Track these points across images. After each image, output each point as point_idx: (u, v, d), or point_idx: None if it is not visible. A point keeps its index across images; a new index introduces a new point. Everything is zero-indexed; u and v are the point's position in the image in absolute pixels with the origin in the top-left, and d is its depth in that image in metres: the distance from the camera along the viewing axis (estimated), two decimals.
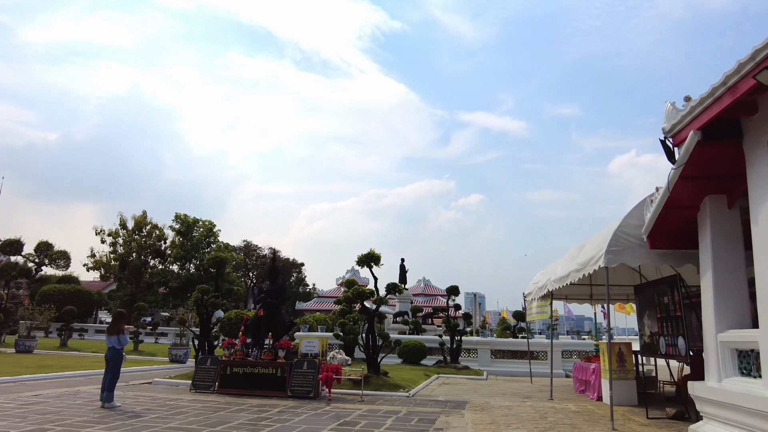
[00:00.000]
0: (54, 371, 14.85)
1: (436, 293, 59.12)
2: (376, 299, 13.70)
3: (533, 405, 11.21)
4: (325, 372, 11.52)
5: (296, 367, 11.79)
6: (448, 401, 11.66)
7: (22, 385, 12.22)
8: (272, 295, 12.85)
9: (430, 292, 60.03)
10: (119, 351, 9.61)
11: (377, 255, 14.04)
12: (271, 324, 12.67)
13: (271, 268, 13.21)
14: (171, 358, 20.08)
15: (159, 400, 10.56)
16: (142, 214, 48.65)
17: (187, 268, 48.49)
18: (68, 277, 47.85)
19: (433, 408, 10.54)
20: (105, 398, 9.32)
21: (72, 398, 10.38)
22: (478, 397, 12.69)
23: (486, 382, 16.88)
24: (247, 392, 11.70)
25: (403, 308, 32.52)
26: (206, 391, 11.94)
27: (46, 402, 9.77)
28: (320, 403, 10.76)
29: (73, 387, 12.16)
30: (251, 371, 11.88)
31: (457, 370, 18.80)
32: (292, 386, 11.58)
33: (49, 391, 11.36)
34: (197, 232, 49.29)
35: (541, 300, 14.39)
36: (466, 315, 20.94)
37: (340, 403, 10.84)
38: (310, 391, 11.44)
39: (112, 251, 47.36)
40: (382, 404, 10.92)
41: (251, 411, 9.48)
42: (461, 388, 14.85)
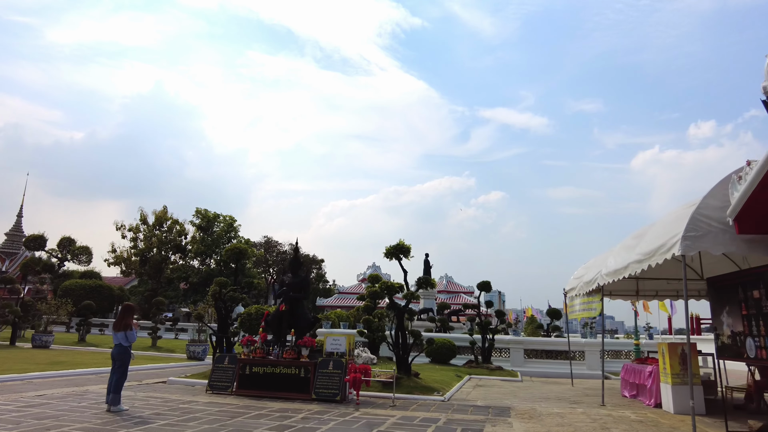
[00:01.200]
0: (66, 368, 14.10)
1: (459, 290, 57.80)
2: (406, 294, 12.59)
3: (586, 412, 9.98)
4: (353, 373, 10.46)
5: (321, 367, 10.75)
6: (489, 407, 10.50)
7: (29, 384, 11.42)
8: (295, 288, 11.83)
9: (453, 289, 58.71)
10: (126, 348, 8.67)
11: (407, 246, 12.92)
12: (294, 319, 11.65)
13: (293, 260, 12.19)
14: (189, 355, 19.28)
15: (171, 402, 9.62)
16: (163, 209, 48.35)
17: (207, 263, 48.05)
18: (90, 273, 47.83)
19: (475, 415, 9.39)
20: (111, 401, 8.39)
21: (77, 399, 9.49)
22: (519, 401, 11.50)
23: (522, 384, 15.65)
24: (268, 394, 10.70)
25: (428, 305, 31.37)
26: (223, 393, 10.97)
27: (48, 404, 8.88)
28: (348, 408, 9.70)
29: (82, 386, 11.32)
30: (272, 371, 10.87)
31: (490, 370, 17.59)
32: (316, 388, 10.54)
33: (55, 390, 10.51)
34: (218, 227, 48.80)
35: (587, 296, 13.10)
36: (499, 312, 19.69)
37: (370, 408, 9.76)
38: (337, 394, 10.38)
39: (133, 246, 47.15)
40: (417, 410, 9.81)
41: (272, 417, 8.46)
42: (498, 391, 13.66)
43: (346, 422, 8.25)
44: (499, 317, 19.67)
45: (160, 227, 47.57)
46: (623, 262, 10.26)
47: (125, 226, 47.17)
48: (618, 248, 11.65)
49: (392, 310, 13.16)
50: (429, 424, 8.35)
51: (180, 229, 48.07)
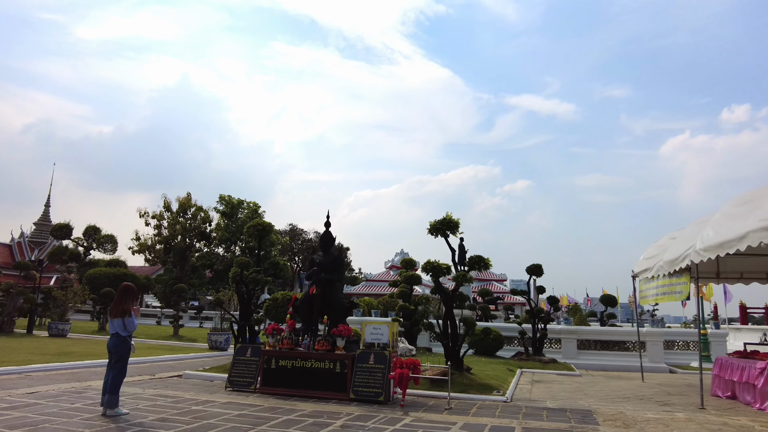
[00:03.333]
0: (75, 359, 12.71)
1: (489, 278, 55.67)
2: (456, 276, 10.73)
3: (692, 419, 7.99)
4: (399, 368, 8.67)
5: (360, 361, 9.00)
6: (565, 410, 8.62)
7: (26, 378, 9.98)
8: (327, 268, 10.09)
9: (484, 277, 56.59)
10: (125, 339, 7.04)
11: (455, 221, 11.04)
12: (326, 305, 9.93)
13: (324, 236, 10.43)
14: (210, 345, 17.86)
15: (183, 403, 7.99)
16: (187, 195, 47.35)
17: (232, 250, 46.96)
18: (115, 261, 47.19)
19: (554, 422, 7.52)
20: (106, 403, 6.78)
21: (72, 399, 7.94)
22: (597, 402, 9.58)
23: (584, 380, 13.69)
24: (297, 392, 9.02)
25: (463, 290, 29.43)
26: (245, 390, 9.34)
27: (35, 405, 7.34)
28: (394, 412, 7.93)
29: (84, 381, 9.82)
30: (302, 365, 9.17)
31: (543, 363, 15.65)
32: (355, 386, 8.80)
33: (51, 386, 9.02)
34: (242, 214, 47.61)
35: (669, 277, 11.03)
36: (552, 299, 17.67)
37: (422, 412, 7.98)
38: (380, 394, 8.62)
39: (157, 234, 46.33)
40: (479, 414, 7.98)
41: (304, 425, 6.74)
42: (561, 388, 11.76)
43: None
44: (552, 304, 17.66)
45: (184, 214, 46.59)
46: (737, 231, 8.19)
47: (149, 213, 46.34)
48: (719, 217, 9.55)
49: (439, 295, 11.32)
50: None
51: (204, 216, 47.02)
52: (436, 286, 11.23)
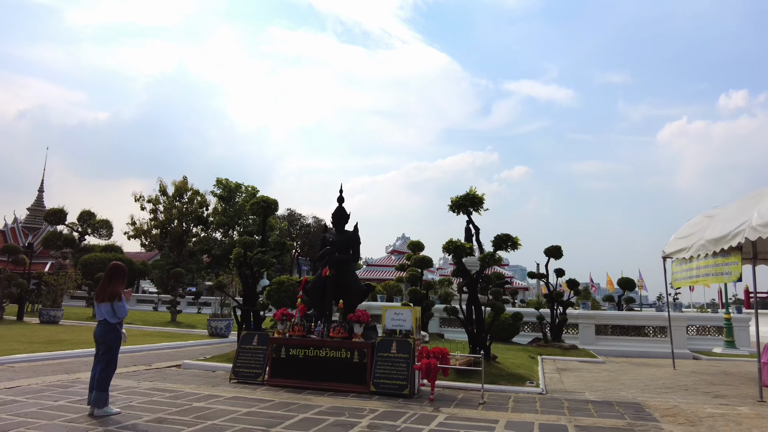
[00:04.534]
0: (64, 347, 11.73)
1: None
2: (483, 256, 9.74)
3: (761, 414, 7.09)
4: (425, 358, 7.73)
5: (381, 350, 8.04)
6: (609, 402, 7.71)
7: (8, 370, 9.00)
8: (341, 247, 9.09)
9: None
10: (114, 327, 6.04)
11: (479, 197, 10.03)
12: (341, 288, 8.95)
13: (337, 212, 9.41)
14: (210, 332, 16.92)
15: (183, 399, 7.03)
16: (183, 179, 46.15)
17: (230, 235, 45.91)
18: (111, 247, 46.12)
19: (606, 418, 6.59)
20: (94, 401, 5.81)
21: (56, 395, 6.96)
22: (638, 393, 8.69)
23: (611, 367, 12.82)
24: (310, 384, 8.07)
25: None
26: (252, 382, 8.39)
27: (13, 403, 6.37)
28: (423, 407, 7.00)
29: (72, 374, 8.85)
30: (315, 354, 8.22)
31: (564, 350, 14.78)
32: (376, 378, 7.86)
33: (35, 380, 8.05)
34: (240, 198, 46.47)
35: (715, 257, 10.09)
36: (571, 282, 16.76)
37: (454, 407, 7.05)
38: (404, 386, 7.68)
39: (153, 218, 45.22)
40: (519, 409, 7.06)
41: (324, 426, 5.79)
42: (592, 377, 10.88)
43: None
44: (571, 287, 16.75)
45: (180, 198, 45.45)
46: None
47: (144, 197, 45.18)
48: None
49: (461, 278, 10.36)
50: None
51: (201, 200, 45.89)
52: (457, 268, 10.26)
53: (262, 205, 10.80)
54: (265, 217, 11.06)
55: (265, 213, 10.93)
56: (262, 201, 10.80)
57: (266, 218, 11.19)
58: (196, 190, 45.82)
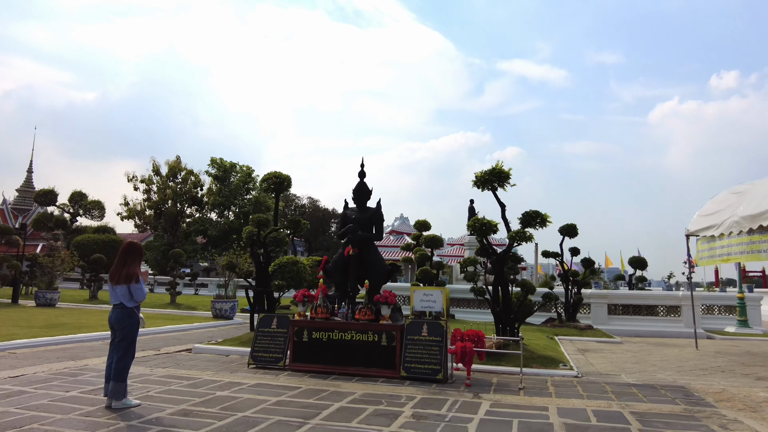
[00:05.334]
0: (65, 332, 11.18)
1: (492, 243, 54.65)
2: (514, 234, 9.24)
3: None
4: (460, 341, 7.27)
5: (411, 333, 7.58)
6: (652, 386, 7.33)
7: (9, 357, 8.45)
8: (364, 225, 8.55)
9: None
10: (131, 311, 5.48)
11: (506, 171, 9.49)
12: (364, 268, 8.44)
13: (358, 188, 8.83)
14: (215, 314, 16.41)
15: (203, 387, 6.53)
16: (176, 158, 45.22)
17: (226, 215, 45.16)
18: (104, 228, 45.33)
19: (658, 403, 6.18)
20: (111, 393, 5.29)
21: (66, 384, 6.43)
22: (676, 375, 8.34)
23: (632, 348, 12.52)
24: (335, 369, 7.61)
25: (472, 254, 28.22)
26: (272, 367, 7.91)
27: (21, 394, 5.83)
28: (462, 393, 6.56)
29: (79, 360, 8.31)
30: (340, 337, 7.74)
31: (579, 330, 14.46)
32: (406, 362, 7.40)
33: (40, 368, 7.50)
34: (235, 178, 45.61)
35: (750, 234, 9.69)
36: (587, 261, 16.37)
37: (494, 393, 6.62)
38: (437, 371, 7.23)
39: (146, 199, 44.35)
40: (563, 394, 6.64)
41: (366, 416, 5.32)
42: (618, 358, 10.55)
43: (490, 425, 5.07)
44: (587, 267, 16.36)
45: (174, 178, 44.54)
46: None
47: (137, 178, 44.25)
48: None
49: (486, 257, 9.88)
50: (620, 424, 5.15)
51: (195, 180, 45.02)
52: (481, 246, 9.77)
53: (274, 181, 10.19)
54: (277, 193, 10.47)
55: (278, 189, 10.33)
56: (274, 177, 10.18)
57: (279, 195, 10.59)
58: (190, 170, 44.92)
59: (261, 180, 10.39)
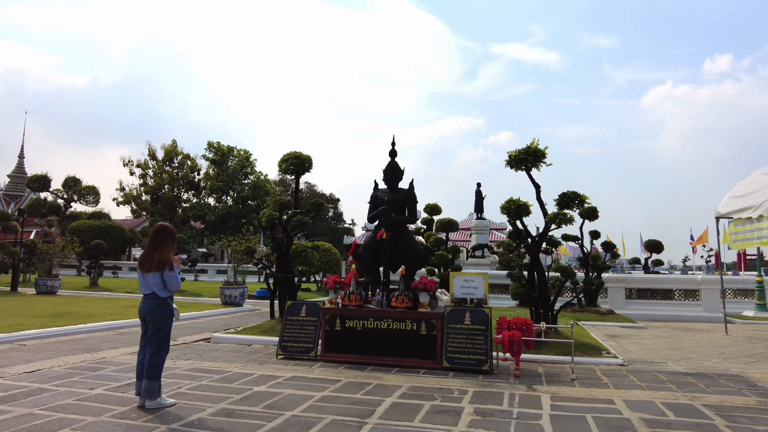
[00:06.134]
0: (73, 321, 10.65)
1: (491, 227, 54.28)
2: (553, 215, 8.77)
3: None
4: (507, 330, 6.83)
5: (452, 321, 7.13)
6: (708, 375, 6.95)
7: (19, 349, 7.93)
8: (396, 207, 8.04)
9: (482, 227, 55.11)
10: (165, 302, 4.97)
11: (541, 150, 8.97)
12: (396, 252, 7.95)
13: (390, 168, 8.29)
14: (224, 300, 15.93)
15: (237, 382, 6.06)
16: (172, 143, 44.40)
17: (224, 200, 44.46)
18: (99, 213, 44.63)
19: (726, 395, 5.78)
20: (144, 392, 4.80)
21: (88, 381, 5.93)
22: (724, 362, 7.98)
23: (660, 333, 12.19)
24: (372, 359, 7.17)
25: (481, 240, 27.87)
26: (303, 358, 7.45)
27: (42, 393, 5.33)
28: (514, 385, 6.13)
29: (94, 352, 7.80)
30: (375, 326, 7.28)
31: (601, 315, 14.12)
32: (448, 352, 6.96)
33: (56, 361, 6.99)
34: (232, 162, 44.83)
35: None
36: (607, 245, 15.98)
37: (548, 385, 6.20)
38: (483, 362, 6.80)
39: (142, 184, 43.56)
40: (621, 385, 6.23)
41: (426, 413, 4.86)
42: (652, 344, 10.20)
43: (565, 422, 4.64)
44: (607, 250, 15.98)
45: (170, 163, 43.72)
46: None
47: (133, 162, 43.40)
48: None
49: (520, 241, 9.42)
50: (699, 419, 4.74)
51: (192, 164, 44.22)
52: (514, 230, 9.29)
53: (294, 161, 9.62)
54: (297, 175, 9.91)
55: (298, 171, 9.78)
56: (294, 157, 9.61)
57: (299, 177, 10.04)
58: (187, 154, 44.12)
59: (280, 161, 9.80)
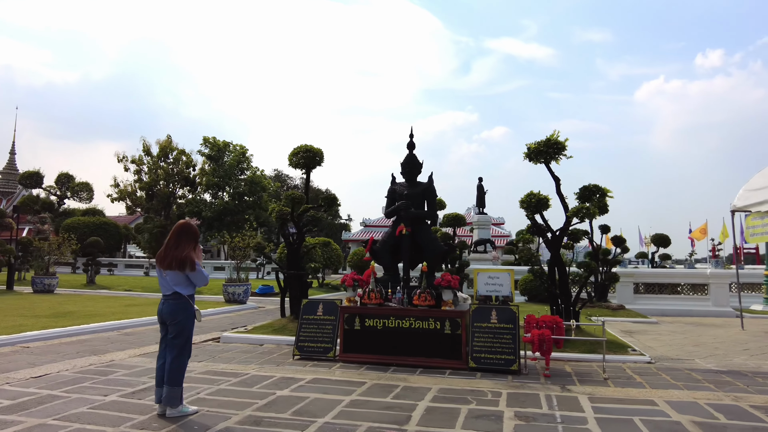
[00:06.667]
0: (75, 321, 10.28)
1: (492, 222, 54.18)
2: (576, 209, 8.50)
3: None
4: (536, 328, 6.56)
5: (477, 319, 6.84)
6: (741, 373, 6.74)
7: (23, 351, 7.57)
8: (416, 201, 7.74)
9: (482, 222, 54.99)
10: (187, 303, 4.64)
11: (561, 142, 8.68)
12: (416, 248, 7.66)
13: (408, 161, 7.98)
14: (227, 298, 15.59)
15: (258, 386, 5.76)
16: (167, 138, 43.72)
17: (220, 196, 43.97)
18: (93, 210, 44.01)
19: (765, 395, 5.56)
20: (166, 399, 4.48)
21: (100, 386, 5.61)
22: (755, 360, 7.77)
23: (674, 329, 12.00)
24: (393, 360, 6.89)
25: (483, 235, 27.63)
26: (321, 358, 7.16)
27: (52, 399, 5.00)
28: (546, 386, 5.87)
29: (101, 354, 7.46)
30: (397, 325, 6.99)
31: (612, 311, 13.89)
32: (475, 352, 6.68)
33: (63, 365, 6.65)
34: (228, 158, 44.29)
35: None
36: (618, 239, 15.77)
37: (582, 385, 5.94)
38: (512, 361, 6.53)
39: (137, 180, 42.94)
40: (656, 384, 5.99)
41: (465, 418, 4.59)
42: (671, 340, 10.01)
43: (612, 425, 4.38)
44: (617, 245, 15.77)
45: (165, 158, 43.09)
46: None
47: (127, 158, 42.74)
48: None
49: (539, 236, 9.15)
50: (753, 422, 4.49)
51: (187, 160, 43.60)
52: (533, 224, 9.02)
53: (305, 155, 9.27)
54: (308, 169, 9.56)
55: (308, 165, 9.43)
56: (305, 151, 9.25)
57: (309, 171, 9.69)
58: (182, 149, 43.47)
59: (290, 154, 9.44)
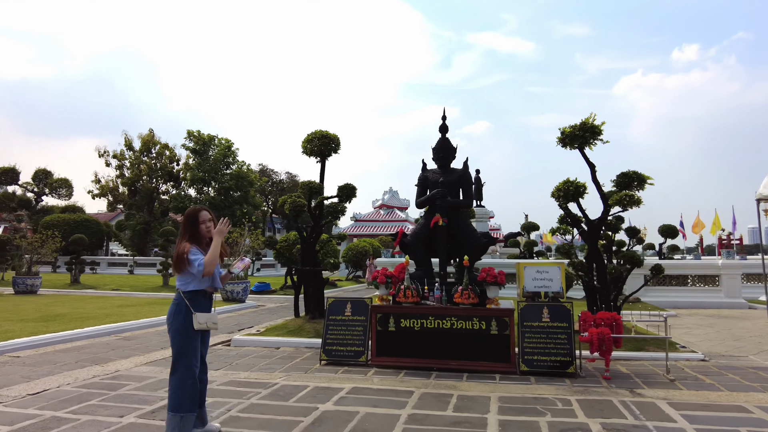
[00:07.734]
0: (68, 326, 9.38)
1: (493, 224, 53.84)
2: (618, 197, 7.92)
3: None
4: (594, 327, 5.97)
5: (527, 318, 6.22)
6: None
7: (15, 361, 6.73)
8: (451, 189, 7.08)
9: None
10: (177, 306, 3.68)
11: (597, 126, 8.09)
12: (452, 241, 7.01)
13: (441, 145, 7.30)
14: (225, 296, 14.79)
15: (293, 399, 5.06)
16: (149, 132, 42.38)
17: (205, 191, 42.76)
18: (72, 207, 42.42)
19: None
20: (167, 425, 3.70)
21: (111, 406, 4.84)
22: None
23: (699, 321, 11.63)
24: (434, 363, 6.23)
25: (481, 228, 27.11)
26: (353, 363, 6.47)
27: (59, 425, 4.24)
28: (612, 389, 5.28)
29: (104, 364, 6.66)
30: (436, 325, 6.33)
31: (629, 304, 13.45)
32: (525, 353, 6.06)
33: (62, 378, 5.85)
34: (214, 152, 43.08)
35: None
36: (631, 230, 15.33)
37: (648, 388, 5.36)
38: (569, 363, 5.93)
39: (119, 175, 41.55)
40: (730, 386, 5.45)
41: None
42: (705, 334, 9.63)
43: None
44: (631, 236, 15.34)
45: (148, 153, 41.76)
46: None
47: (109, 153, 41.30)
48: None
49: (575, 226, 8.57)
50: None
51: (171, 154, 42.32)
52: (566, 213, 8.43)
53: (321, 142, 8.49)
54: (323, 157, 8.80)
55: (323, 152, 8.67)
56: (320, 137, 8.48)
57: (325, 159, 8.93)
58: (165, 143, 42.17)
59: (304, 141, 8.67)
